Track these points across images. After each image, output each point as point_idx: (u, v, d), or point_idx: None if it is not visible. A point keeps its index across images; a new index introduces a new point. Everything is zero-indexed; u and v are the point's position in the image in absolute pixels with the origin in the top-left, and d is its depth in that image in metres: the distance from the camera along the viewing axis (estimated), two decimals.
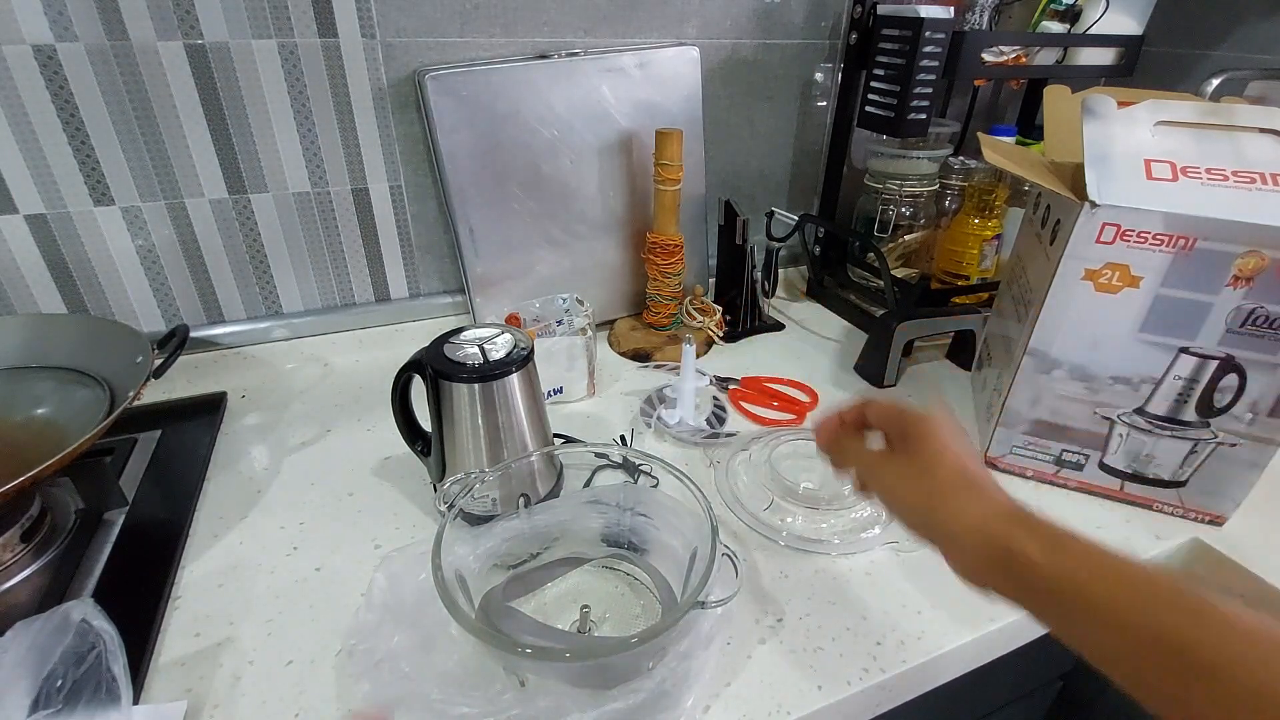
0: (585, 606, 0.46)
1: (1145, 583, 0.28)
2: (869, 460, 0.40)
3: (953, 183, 0.88)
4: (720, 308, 0.85)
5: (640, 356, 0.80)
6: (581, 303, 0.75)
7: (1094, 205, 0.47)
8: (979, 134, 0.63)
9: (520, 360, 0.52)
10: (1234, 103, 0.53)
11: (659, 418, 0.67)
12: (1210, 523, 0.56)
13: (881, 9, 0.76)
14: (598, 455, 0.60)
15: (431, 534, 0.41)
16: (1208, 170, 0.47)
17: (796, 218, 0.86)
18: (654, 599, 0.48)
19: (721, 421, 0.68)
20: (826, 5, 0.85)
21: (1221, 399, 0.51)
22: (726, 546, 0.41)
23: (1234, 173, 0.47)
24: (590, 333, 0.71)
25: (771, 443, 0.62)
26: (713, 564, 0.39)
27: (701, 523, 0.42)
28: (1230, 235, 0.46)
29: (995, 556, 0.32)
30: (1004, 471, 0.62)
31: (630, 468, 0.58)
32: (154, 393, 0.70)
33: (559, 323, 0.72)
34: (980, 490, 0.35)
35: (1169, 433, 0.54)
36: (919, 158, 0.84)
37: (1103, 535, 0.55)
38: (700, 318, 0.83)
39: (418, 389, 0.54)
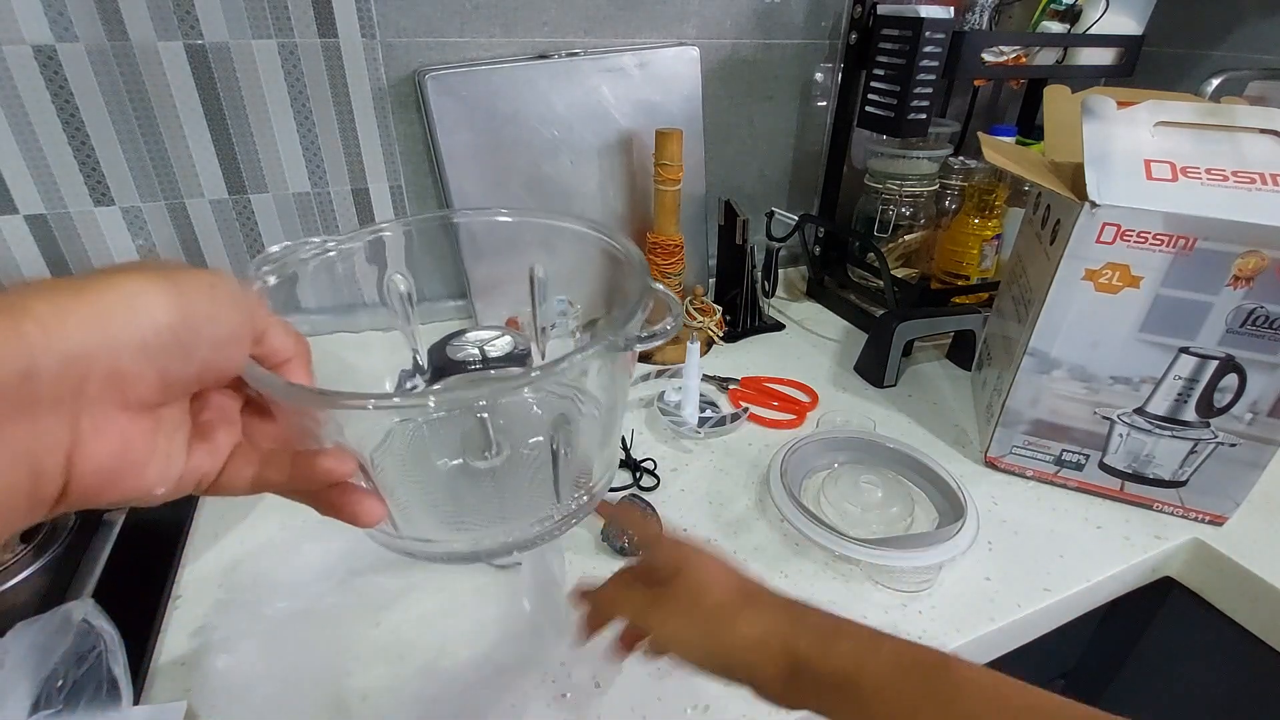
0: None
1: (907, 666, 0.29)
2: (639, 604, 0.35)
3: (953, 183, 0.88)
4: (720, 308, 0.85)
5: (640, 357, 0.80)
6: (573, 304, 0.75)
7: (1094, 205, 0.47)
8: (979, 134, 0.63)
9: (519, 359, 0.52)
10: (1234, 103, 0.53)
11: (673, 418, 0.66)
12: (1210, 523, 0.56)
13: (881, 9, 0.76)
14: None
15: None
16: (1207, 170, 0.47)
17: (796, 218, 0.86)
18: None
19: (724, 419, 0.68)
20: (826, 5, 0.85)
21: (1221, 399, 0.51)
22: (664, 289, 0.32)
23: (1234, 173, 0.47)
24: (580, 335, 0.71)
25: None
26: (642, 301, 0.31)
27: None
28: (1230, 235, 0.46)
29: (787, 668, 0.30)
30: (1004, 471, 0.62)
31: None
32: None
33: (553, 326, 0.72)
34: (755, 600, 0.33)
35: (1169, 433, 0.54)
36: (919, 158, 0.84)
37: (1102, 535, 0.56)
38: (700, 318, 0.83)
39: None
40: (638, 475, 0.59)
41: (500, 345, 0.53)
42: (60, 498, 0.19)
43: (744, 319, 0.85)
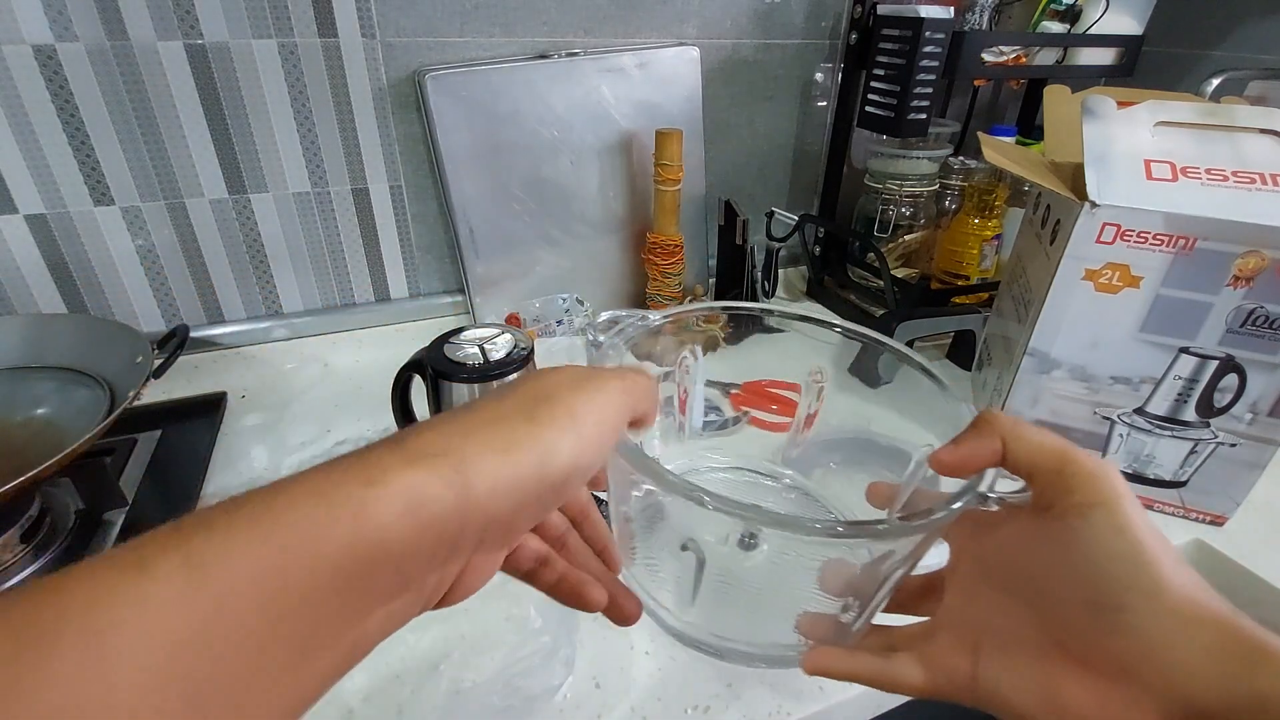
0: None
1: None
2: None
3: (953, 183, 0.88)
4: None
5: (642, 357, 0.80)
6: (581, 303, 0.75)
7: (1094, 205, 0.47)
8: (979, 134, 0.63)
9: (521, 360, 0.52)
10: (1234, 103, 0.53)
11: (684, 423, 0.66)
12: (1210, 523, 0.56)
13: (881, 9, 0.76)
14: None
15: None
16: (1207, 170, 0.47)
17: (796, 218, 0.86)
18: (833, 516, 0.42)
19: (727, 423, 0.68)
20: (826, 5, 0.85)
21: (1221, 399, 0.51)
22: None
23: (1234, 173, 0.47)
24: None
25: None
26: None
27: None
28: (1230, 235, 0.46)
29: (1232, 694, 0.19)
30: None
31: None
32: (154, 393, 0.69)
33: (559, 323, 0.72)
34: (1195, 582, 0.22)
35: (1169, 433, 0.54)
36: (919, 158, 0.84)
37: None
38: (704, 321, 0.83)
39: (418, 389, 0.54)
40: None
41: (501, 344, 0.53)
42: (426, 608, 0.22)
43: (744, 320, 0.85)
